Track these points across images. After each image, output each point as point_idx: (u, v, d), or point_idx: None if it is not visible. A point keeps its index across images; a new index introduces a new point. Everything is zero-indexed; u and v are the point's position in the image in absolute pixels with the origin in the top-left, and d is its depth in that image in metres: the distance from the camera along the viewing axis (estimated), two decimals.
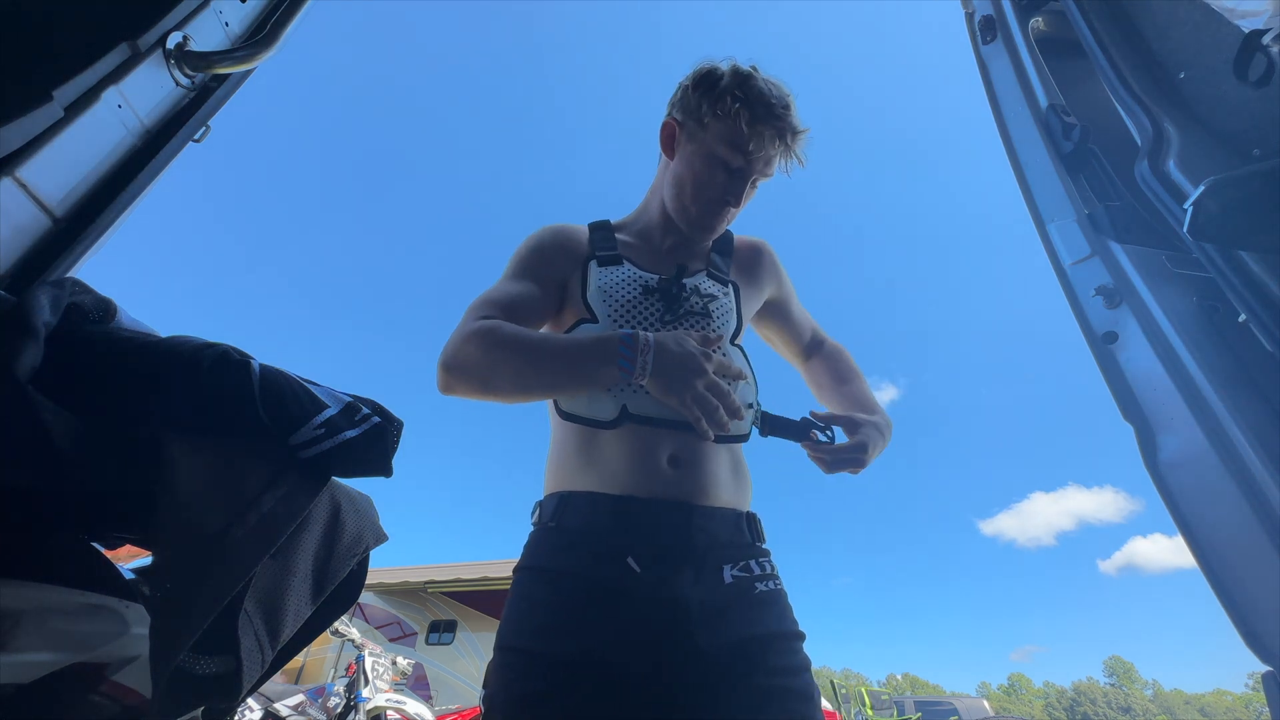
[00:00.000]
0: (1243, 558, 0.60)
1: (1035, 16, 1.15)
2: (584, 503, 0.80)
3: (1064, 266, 0.88)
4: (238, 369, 0.55)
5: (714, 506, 0.81)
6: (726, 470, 0.85)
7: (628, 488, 0.79)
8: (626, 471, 0.80)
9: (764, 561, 0.83)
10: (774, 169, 0.93)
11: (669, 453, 0.82)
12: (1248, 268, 0.66)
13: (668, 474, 0.80)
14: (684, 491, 0.80)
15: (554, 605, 0.73)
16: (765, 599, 0.78)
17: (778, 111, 0.89)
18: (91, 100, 0.61)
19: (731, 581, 0.77)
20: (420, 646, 9.24)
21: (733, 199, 0.93)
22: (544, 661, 0.69)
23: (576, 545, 0.77)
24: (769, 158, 0.91)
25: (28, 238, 0.57)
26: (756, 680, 0.70)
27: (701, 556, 0.77)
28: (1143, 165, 0.80)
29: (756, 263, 1.08)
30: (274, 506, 0.53)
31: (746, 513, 0.86)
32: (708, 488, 0.81)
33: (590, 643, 0.70)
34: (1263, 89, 0.73)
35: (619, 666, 0.69)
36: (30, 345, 0.45)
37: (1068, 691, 79.29)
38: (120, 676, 0.51)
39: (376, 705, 3.88)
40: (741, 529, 0.83)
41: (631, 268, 0.96)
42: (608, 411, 0.81)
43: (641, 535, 0.77)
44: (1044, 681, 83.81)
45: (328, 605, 0.66)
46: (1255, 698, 70.78)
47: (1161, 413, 0.71)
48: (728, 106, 0.89)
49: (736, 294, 1.00)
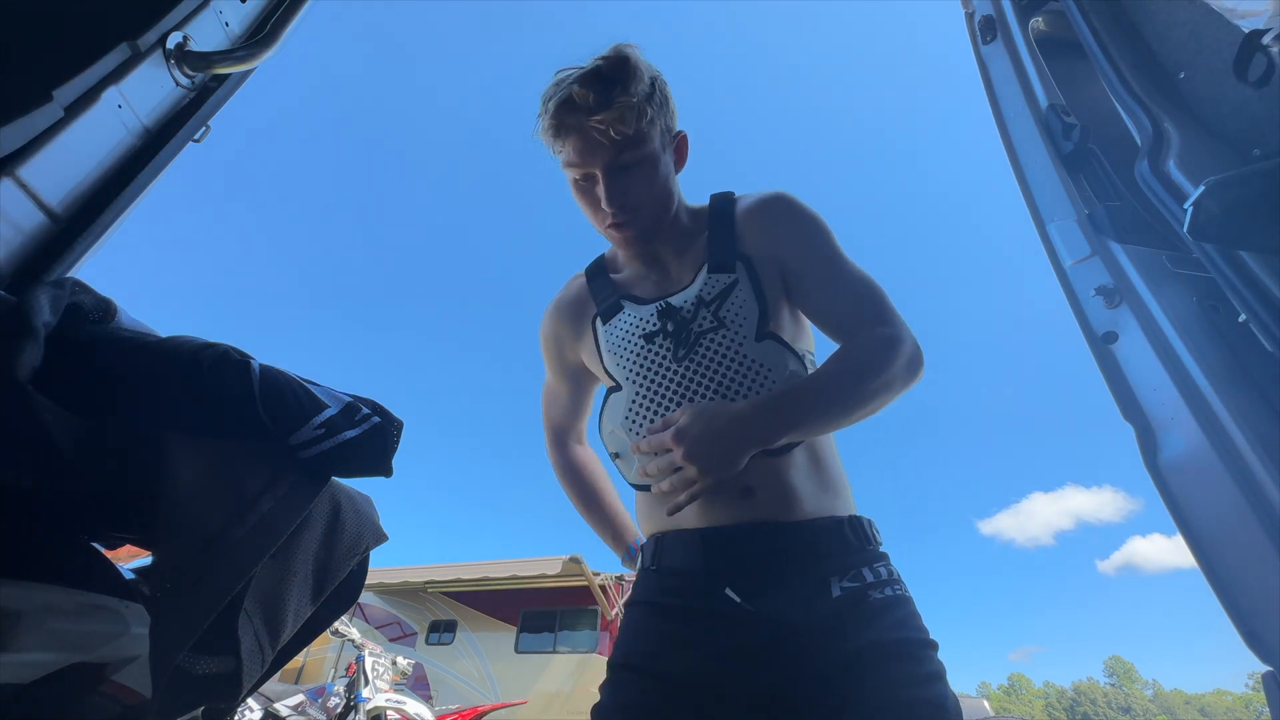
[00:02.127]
0: (1243, 558, 0.60)
1: (1035, 16, 1.15)
2: (675, 542, 0.81)
3: (1064, 266, 0.88)
4: (238, 369, 0.55)
5: (803, 520, 0.77)
6: (807, 479, 0.80)
7: (711, 519, 0.78)
8: (706, 504, 0.78)
9: (879, 567, 0.76)
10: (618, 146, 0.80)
11: (742, 483, 0.77)
12: (1248, 268, 0.66)
13: (744, 498, 0.78)
14: (765, 512, 0.77)
15: (663, 633, 0.75)
16: (882, 606, 0.72)
17: (569, 104, 0.79)
18: (91, 100, 0.61)
19: (841, 594, 0.72)
20: (420, 646, 9.24)
21: (606, 205, 0.84)
22: (652, 677, 0.71)
23: (679, 584, 0.78)
24: (592, 146, 0.80)
25: (28, 238, 0.57)
26: (879, 691, 0.65)
27: (801, 574, 0.74)
28: (1143, 165, 0.80)
29: (760, 225, 0.90)
30: (274, 506, 0.53)
31: (849, 517, 0.80)
32: (790, 501, 0.77)
33: (696, 665, 0.70)
34: (1263, 89, 0.73)
35: (724, 688, 0.69)
36: (30, 345, 0.45)
37: (1068, 691, 79.30)
38: (120, 676, 0.51)
39: (376, 705, 3.88)
40: (844, 536, 0.77)
41: (632, 309, 0.91)
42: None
43: (733, 564, 0.75)
44: (1044, 681, 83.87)
45: (328, 605, 0.66)
46: (1255, 698, 70.80)
47: (1161, 413, 0.71)
48: (540, 128, 0.84)
49: (750, 271, 0.86)
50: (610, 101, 0.78)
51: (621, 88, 0.79)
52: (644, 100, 0.81)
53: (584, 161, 0.82)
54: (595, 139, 0.80)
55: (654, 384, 0.85)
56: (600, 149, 0.81)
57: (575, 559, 7.83)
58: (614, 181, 0.83)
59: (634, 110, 0.79)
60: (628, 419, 0.86)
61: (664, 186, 0.88)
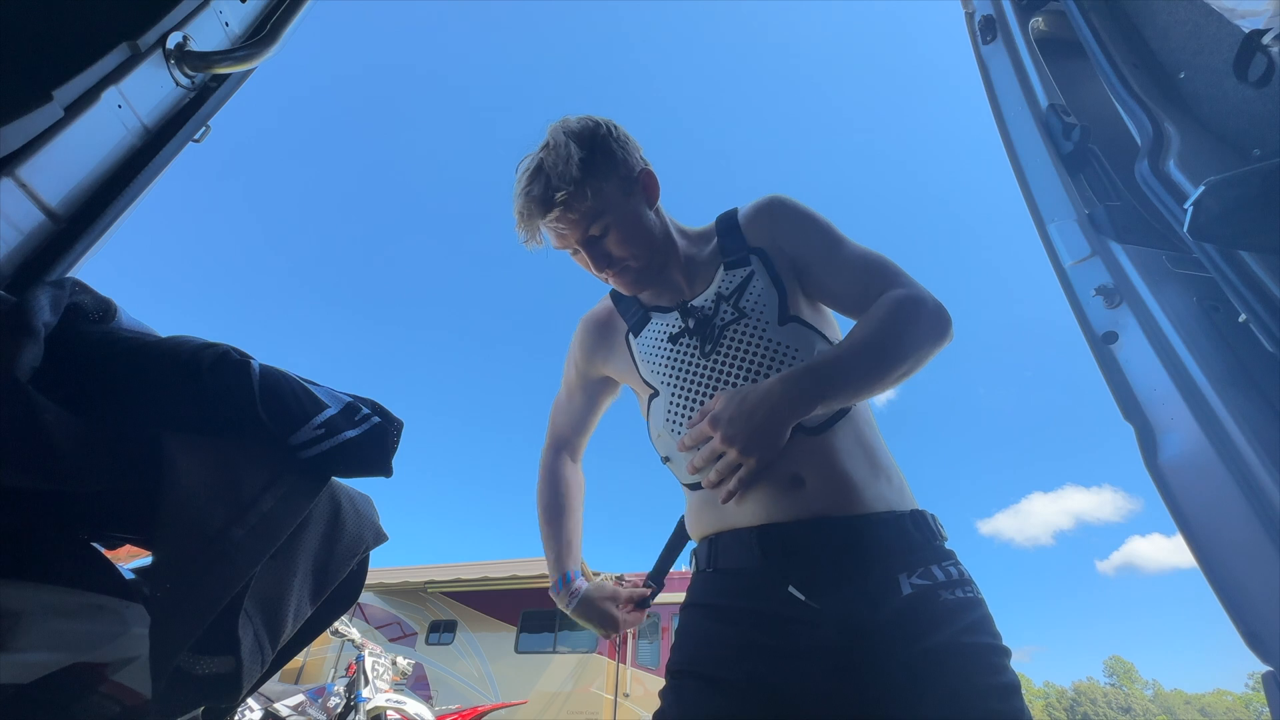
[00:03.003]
0: (1243, 558, 0.60)
1: (1035, 16, 1.15)
2: (731, 541, 0.79)
3: (1064, 266, 0.88)
4: (238, 369, 0.55)
5: (865, 514, 0.74)
6: (863, 468, 0.78)
7: (765, 515, 0.75)
8: (758, 499, 0.77)
9: (949, 566, 0.73)
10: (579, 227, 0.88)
11: (788, 470, 0.76)
12: (1248, 268, 0.66)
13: (797, 491, 0.75)
14: (821, 504, 0.74)
15: (725, 637, 0.73)
16: (955, 608, 0.69)
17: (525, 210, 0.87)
18: (91, 100, 0.61)
19: (912, 591, 0.69)
20: (420, 646, 9.23)
21: (595, 272, 0.93)
22: (714, 685, 0.69)
23: (738, 585, 0.76)
24: (558, 234, 0.90)
25: (28, 238, 0.57)
26: (954, 700, 0.62)
27: (867, 570, 0.71)
28: (1143, 165, 0.80)
29: (762, 224, 0.95)
30: (274, 506, 0.53)
31: (911, 511, 0.77)
32: (844, 491, 0.75)
33: (760, 670, 0.68)
34: (1263, 89, 0.73)
35: (791, 692, 0.67)
36: (30, 345, 0.45)
37: (1068, 692, 79.28)
38: (120, 676, 0.51)
39: (376, 705, 3.88)
40: (907, 530, 0.75)
41: (658, 317, 0.96)
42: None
43: (794, 561, 0.73)
44: (1044, 681, 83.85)
45: (328, 605, 0.66)
46: (1255, 698, 70.79)
47: (1161, 413, 0.71)
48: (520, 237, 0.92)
49: (765, 261, 0.90)
50: (550, 202, 0.85)
51: (558, 180, 0.84)
52: (582, 181, 0.85)
53: (562, 246, 0.93)
54: (559, 231, 0.89)
55: (687, 382, 0.87)
56: (565, 236, 0.90)
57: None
58: (593, 252, 0.90)
59: (576, 196, 0.85)
60: (668, 420, 0.88)
61: (640, 232, 0.92)
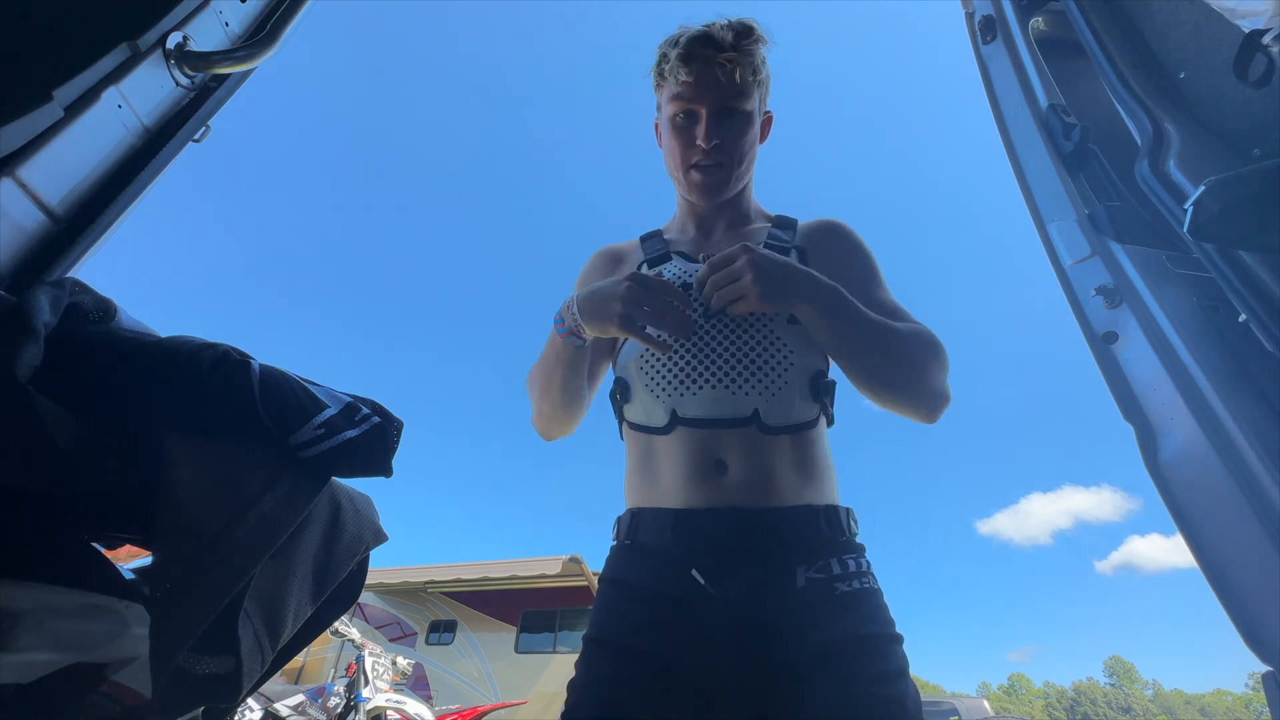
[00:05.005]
0: (1243, 558, 0.60)
1: (1035, 16, 1.15)
2: (650, 519, 0.81)
3: (1064, 266, 0.88)
4: (238, 369, 0.55)
5: (779, 506, 0.76)
6: (789, 465, 0.79)
7: (686, 500, 0.79)
8: (683, 484, 0.79)
9: (849, 559, 0.75)
10: (731, 89, 0.87)
11: (719, 457, 0.79)
12: (1248, 268, 0.66)
13: (722, 480, 0.78)
14: (741, 496, 0.77)
15: (633, 613, 0.76)
16: (849, 600, 0.72)
17: (707, 37, 0.86)
18: (91, 100, 0.61)
19: (805, 585, 0.72)
20: (420, 646, 9.24)
21: (702, 141, 0.88)
22: (624, 654, 0.72)
23: (648, 562, 0.78)
24: (710, 82, 0.86)
25: (28, 238, 0.57)
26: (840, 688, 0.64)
27: (765, 560, 0.73)
28: (1143, 165, 0.80)
29: (824, 237, 0.97)
30: (274, 506, 0.53)
31: (825, 506, 0.79)
32: (768, 487, 0.77)
33: (663, 648, 0.71)
34: (1263, 89, 0.73)
35: (691, 672, 0.69)
36: (30, 345, 0.45)
37: (1068, 692, 79.28)
38: (120, 676, 0.51)
39: (376, 705, 3.88)
40: (818, 526, 0.76)
41: (680, 262, 0.94)
42: (659, 417, 0.83)
43: (702, 547, 0.75)
44: (1044, 681, 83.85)
45: (328, 605, 0.66)
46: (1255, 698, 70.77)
47: (1162, 413, 0.71)
48: (664, 66, 0.90)
49: (802, 259, 0.92)
50: (740, 47, 0.85)
51: (747, 36, 0.86)
52: (763, 60, 0.90)
53: (697, 94, 0.87)
54: (715, 75, 0.85)
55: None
56: (717, 86, 0.86)
57: (575, 559, 7.83)
58: (717, 123, 0.88)
59: (756, 61, 0.87)
60: (642, 355, 0.87)
61: (752, 147, 0.94)
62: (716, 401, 0.80)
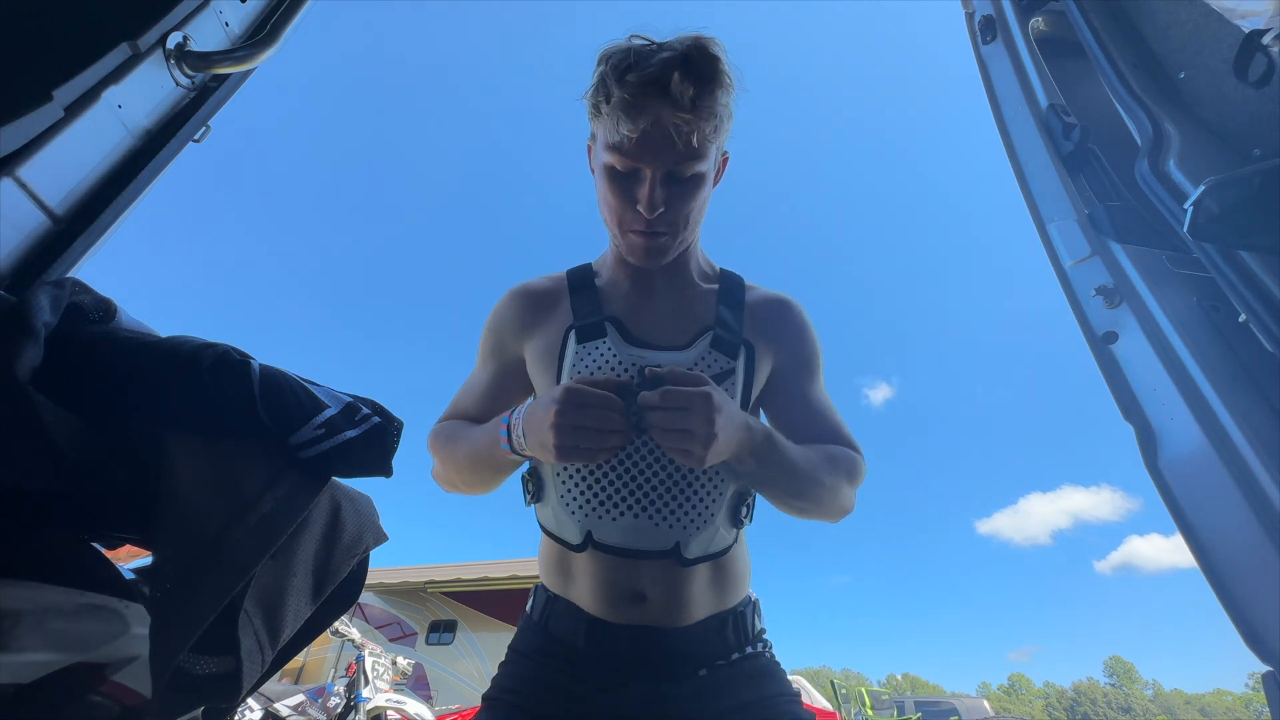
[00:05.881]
0: (1243, 558, 0.60)
1: (1035, 16, 1.15)
2: (564, 613, 0.82)
3: (1064, 266, 0.88)
4: (238, 369, 0.55)
5: (690, 625, 0.78)
6: (705, 585, 0.80)
7: (602, 612, 0.79)
8: (599, 602, 0.79)
9: (748, 648, 0.81)
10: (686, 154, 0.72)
11: (637, 586, 0.78)
12: (1248, 268, 0.66)
13: (638, 605, 0.78)
14: (658, 618, 0.78)
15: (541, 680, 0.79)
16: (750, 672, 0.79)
17: (661, 87, 0.69)
18: (91, 100, 0.61)
19: (706, 673, 0.77)
20: (420, 646, 9.23)
21: (644, 209, 0.75)
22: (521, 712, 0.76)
23: (559, 652, 0.80)
24: (659, 143, 0.71)
25: (28, 238, 0.57)
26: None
27: (674, 669, 0.77)
28: (1143, 165, 0.80)
29: (776, 318, 0.90)
30: (274, 506, 0.53)
31: (734, 610, 0.82)
32: (684, 610, 0.78)
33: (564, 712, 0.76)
34: (1263, 89, 0.73)
35: None
36: (30, 345, 0.45)
37: (1068, 692, 79.27)
38: (120, 676, 0.51)
39: (376, 705, 3.88)
40: (725, 634, 0.80)
41: (615, 344, 0.81)
42: (574, 536, 0.78)
43: (616, 656, 0.78)
44: (1044, 682, 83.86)
45: (328, 605, 0.66)
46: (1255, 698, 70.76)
47: (1161, 413, 0.71)
48: (602, 101, 0.73)
49: (748, 363, 0.83)
50: (700, 106, 0.70)
51: (710, 93, 0.71)
52: (724, 115, 0.74)
53: (642, 154, 0.73)
54: (667, 136, 0.71)
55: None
56: (667, 149, 0.72)
57: None
58: (664, 189, 0.75)
59: (715, 121, 0.73)
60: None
61: (701, 209, 0.82)
62: (636, 531, 0.75)
